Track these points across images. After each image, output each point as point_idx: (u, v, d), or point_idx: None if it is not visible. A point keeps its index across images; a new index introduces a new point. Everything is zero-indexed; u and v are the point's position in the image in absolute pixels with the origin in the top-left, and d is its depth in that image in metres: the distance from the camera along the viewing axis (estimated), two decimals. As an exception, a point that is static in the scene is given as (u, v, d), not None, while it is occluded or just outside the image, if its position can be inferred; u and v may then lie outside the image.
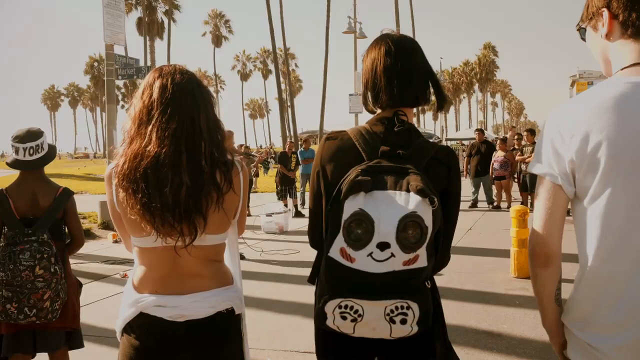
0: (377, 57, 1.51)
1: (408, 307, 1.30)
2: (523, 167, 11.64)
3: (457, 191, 1.50)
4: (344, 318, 1.34)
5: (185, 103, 1.53)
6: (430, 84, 1.53)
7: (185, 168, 1.46)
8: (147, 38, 51.23)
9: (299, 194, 13.15)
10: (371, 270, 1.27)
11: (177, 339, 1.54)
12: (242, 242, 8.87)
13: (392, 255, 1.25)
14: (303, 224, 10.77)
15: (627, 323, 1.21)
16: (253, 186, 16.57)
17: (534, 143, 11.69)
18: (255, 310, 5.08)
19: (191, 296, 1.55)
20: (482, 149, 12.14)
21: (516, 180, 12.13)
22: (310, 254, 1.69)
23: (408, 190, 1.28)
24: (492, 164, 11.77)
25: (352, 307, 1.32)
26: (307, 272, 6.22)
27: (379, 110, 1.55)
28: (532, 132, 12.28)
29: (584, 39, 1.41)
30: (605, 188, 1.22)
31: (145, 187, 1.45)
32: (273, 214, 9.87)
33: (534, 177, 11.38)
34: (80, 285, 3.02)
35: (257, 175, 18.08)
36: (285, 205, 11.44)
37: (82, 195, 20.21)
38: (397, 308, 1.30)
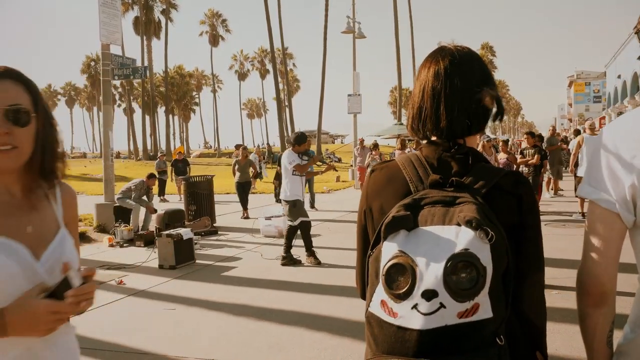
0: (426, 79, 1.27)
1: None
2: (524, 169, 11.47)
3: (534, 224, 1.19)
4: None
5: None
6: (491, 105, 1.28)
7: None
8: (144, 37, 50.95)
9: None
10: (417, 327, 1.01)
11: None
12: (241, 246, 8.69)
13: (442, 305, 1.00)
14: (302, 227, 10.59)
15: None
16: (252, 187, 16.40)
17: (534, 146, 11.52)
18: (255, 320, 4.91)
19: None
20: (484, 150, 11.98)
21: None
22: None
23: (459, 224, 1.05)
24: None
25: None
26: (310, 278, 5.97)
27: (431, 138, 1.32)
28: (532, 134, 12.10)
29: None
30: None
31: None
32: (272, 217, 9.69)
33: (536, 180, 11.28)
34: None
35: (256, 176, 17.87)
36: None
37: (78, 196, 20.01)
38: None
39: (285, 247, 7.25)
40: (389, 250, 1.06)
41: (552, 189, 14.77)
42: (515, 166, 11.60)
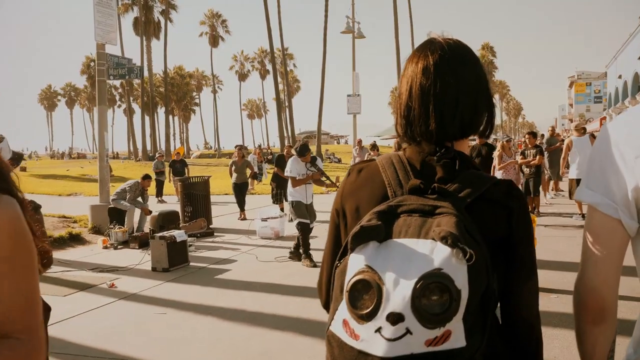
0: (414, 75, 1.13)
1: None
2: (525, 170, 11.36)
3: (525, 239, 1.06)
4: None
5: None
6: (484, 107, 1.15)
7: None
8: (144, 38, 50.87)
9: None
10: (379, 354, 0.89)
11: None
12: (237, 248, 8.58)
13: (408, 331, 0.88)
14: (300, 228, 10.47)
15: None
16: (249, 187, 16.29)
17: (536, 146, 11.41)
18: (247, 325, 4.80)
19: None
20: (483, 152, 11.82)
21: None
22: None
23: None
24: (494, 167, 11.49)
25: None
26: (304, 281, 5.85)
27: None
28: (533, 134, 11.99)
29: None
30: None
31: None
32: (268, 218, 9.59)
33: (537, 180, 11.15)
34: (49, 309, 2.72)
35: (254, 177, 17.76)
36: (281, 210, 11.16)
37: (75, 197, 19.93)
38: None
39: (295, 243, 7.58)
40: (355, 264, 0.95)
41: (552, 189, 14.65)
42: (516, 166, 11.50)
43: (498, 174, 10.51)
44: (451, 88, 1.09)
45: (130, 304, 5.70)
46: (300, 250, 7.39)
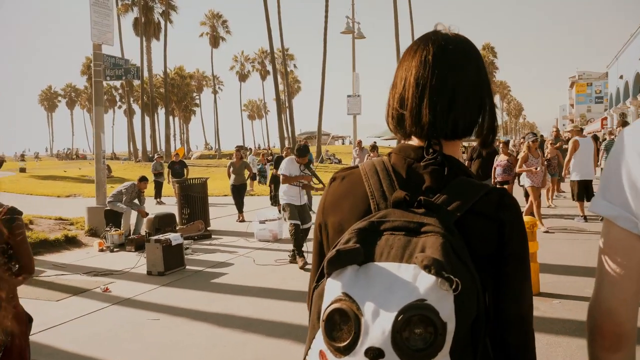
0: (411, 65, 1.04)
1: None
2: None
3: (519, 250, 0.94)
4: None
5: None
6: (484, 108, 1.05)
7: None
8: (144, 39, 50.81)
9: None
10: None
11: None
12: (235, 250, 8.47)
13: None
14: (298, 230, 10.36)
15: None
16: (249, 188, 16.18)
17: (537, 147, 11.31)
18: (241, 332, 4.69)
19: None
20: (484, 153, 11.72)
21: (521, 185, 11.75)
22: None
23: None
24: (495, 168, 11.38)
25: None
26: (300, 285, 5.71)
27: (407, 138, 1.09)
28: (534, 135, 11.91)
29: None
30: None
31: None
32: (266, 220, 9.48)
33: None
34: (30, 320, 2.61)
35: (252, 178, 17.66)
36: (280, 212, 11.04)
37: (74, 199, 19.82)
38: None
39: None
40: (332, 290, 0.85)
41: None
42: (543, 167, 11.39)
43: (523, 176, 10.41)
44: (449, 81, 1.00)
45: (124, 308, 5.59)
46: (296, 252, 7.33)
